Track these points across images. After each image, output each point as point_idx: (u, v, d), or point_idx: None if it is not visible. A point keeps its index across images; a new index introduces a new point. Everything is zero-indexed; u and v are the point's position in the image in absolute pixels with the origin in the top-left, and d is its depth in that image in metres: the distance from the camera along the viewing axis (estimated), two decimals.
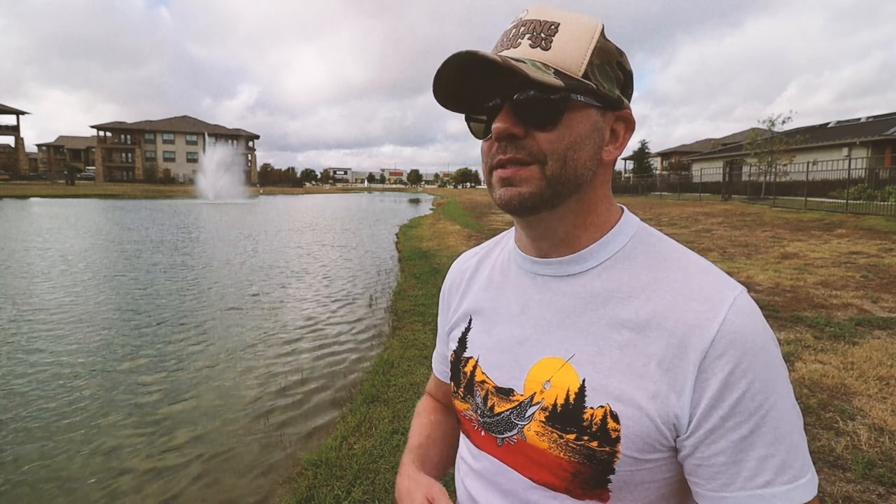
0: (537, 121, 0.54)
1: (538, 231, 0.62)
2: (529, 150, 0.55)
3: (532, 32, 0.55)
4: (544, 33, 0.54)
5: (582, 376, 0.56)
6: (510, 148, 0.55)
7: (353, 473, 2.48)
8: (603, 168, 0.59)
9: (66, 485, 2.71)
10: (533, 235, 0.63)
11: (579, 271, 0.60)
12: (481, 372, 0.66)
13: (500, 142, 0.56)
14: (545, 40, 0.54)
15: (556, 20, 0.55)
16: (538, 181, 0.55)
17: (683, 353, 0.52)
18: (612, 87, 0.56)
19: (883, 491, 2.17)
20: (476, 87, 0.56)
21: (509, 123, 0.54)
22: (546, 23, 0.55)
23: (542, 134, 0.54)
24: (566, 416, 0.56)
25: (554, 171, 0.55)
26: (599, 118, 0.56)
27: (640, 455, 0.53)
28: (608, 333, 0.56)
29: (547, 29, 0.54)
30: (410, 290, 6.66)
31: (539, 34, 0.54)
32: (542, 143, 0.54)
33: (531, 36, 0.55)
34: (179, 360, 4.57)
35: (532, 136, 0.55)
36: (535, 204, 0.56)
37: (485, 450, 0.66)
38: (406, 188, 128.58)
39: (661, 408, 0.52)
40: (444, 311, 0.80)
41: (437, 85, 0.56)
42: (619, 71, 0.57)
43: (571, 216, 0.59)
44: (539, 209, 0.57)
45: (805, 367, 3.51)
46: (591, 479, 0.56)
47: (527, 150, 0.55)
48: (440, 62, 0.53)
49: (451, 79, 0.55)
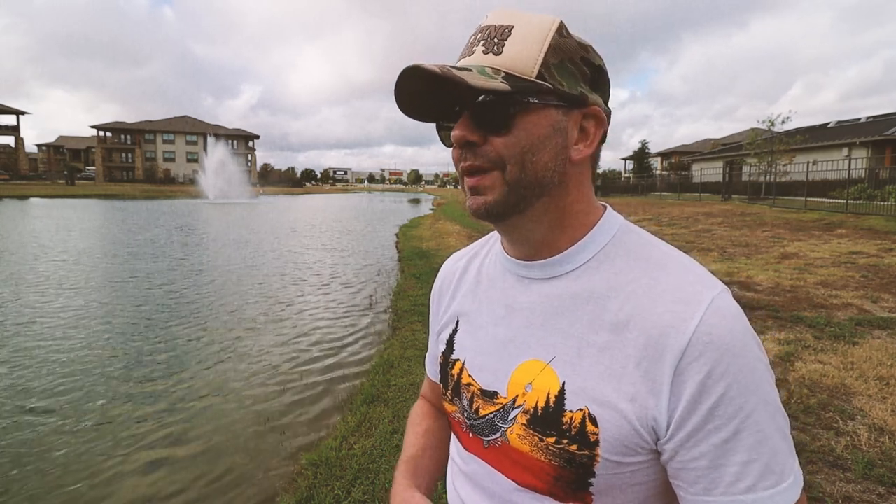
0: (492, 126, 0.54)
1: (515, 235, 0.62)
2: (488, 156, 0.55)
3: (487, 38, 0.55)
4: (497, 38, 0.54)
5: (562, 379, 0.56)
6: (470, 155, 0.56)
7: (353, 473, 2.49)
8: (575, 167, 0.58)
9: (60, 483, 2.72)
10: (511, 239, 0.63)
11: (561, 273, 0.60)
12: (467, 374, 0.66)
13: (462, 149, 0.56)
14: (497, 45, 0.54)
15: (511, 23, 0.54)
16: (501, 187, 0.55)
17: (660, 355, 0.51)
18: (575, 84, 0.55)
19: (883, 491, 2.17)
20: (440, 96, 0.56)
21: (466, 130, 0.55)
22: (500, 27, 0.54)
23: (497, 139, 0.54)
24: (546, 419, 0.56)
25: (513, 176, 0.54)
26: (562, 117, 0.55)
27: (619, 458, 0.53)
28: (588, 335, 0.56)
29: (500, 33, 0.54)
30: (410, 290, 6.67)
31: (492, 39, 0.54)
32: (498, 149, 0.54)
33: (485, 42, 0.55)
34: (180, 359, 4.57)
35: (490, 142, 0.54)
36: (502, 210, 0.56)
37: (473, 452, 0.66)
38: (406, 188, 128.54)
39: (639, 411, 0.51)
40: (435, 312, 0.80)
41: (399, 100, 0.57)
42: (583, 66, 0.56)
43: (546, 218, 0.59)
44: (507, 215, 0.57)
45: (805, 367, 3.51)
46: (573, 482, 0.55)
47: (485, 156, 0.55)
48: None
49: (412, 92, 0.56)
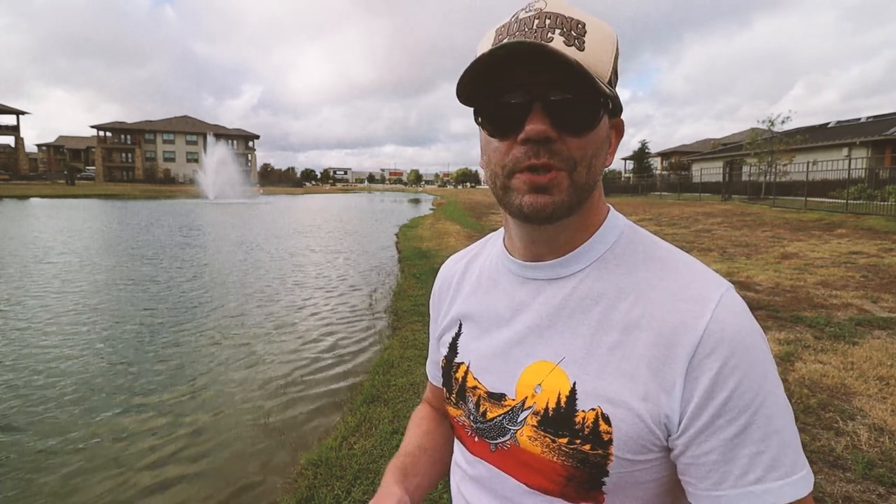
0: (573, 125, 0.52)
1: (544, 236, 0.60)
2: (562, 155, 0.52)
3: (562, 28, 0.51)
4: (574, 31, 0.51)
5: (572, 379, 0.56)
6: (543, 152, 0.52)
7: (353, 473, 2.49)
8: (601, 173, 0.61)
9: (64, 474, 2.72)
10: (535, 240, 0.61)
11: (568, 274, 0.60)
12: (473, 377, 0.66)
13: (532, 144, 0.52)
14: (577, 39, 0.51)
15: (582, 20, 0.52)
16: (568, 188, 0.53)
17: (672, 353, 0.51)
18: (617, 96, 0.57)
19: (883, 491, 2.17)
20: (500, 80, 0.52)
21: (546, 125, 0.51)
22: (573, 20, 0.52)
23: (573, 139, 0.52)
24: (558, 419, 0.56)
25: (580, 179, 0.53)
26: (607, 124, 0.57)
27: (632, 456, 0.53)
28: (597, 335, 0.56)
29: (576, 27, 0.51)
30: (410, 290, 6.66)
31: (570, 31, 0.51)
32: (572, 149, 0.52)
33: (563, 32, 0.51)
34: (179, 359, 4.57)
35: (563, 141, 0.52)
36: (565, 212, 0.54)
37: (479, 456, 0.66)
38: (406, 188, 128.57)
39: (651, 408, 0.52)
40: (435, 316, 0.79)
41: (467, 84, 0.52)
42: (614, 77, 0.58)
43: (578, 220, 0.59)
44: (564, 217, 0.55)
45: (805, 367, 3.51)
46: (586, 482, 0.55)
47: (560, 155, 0.52)
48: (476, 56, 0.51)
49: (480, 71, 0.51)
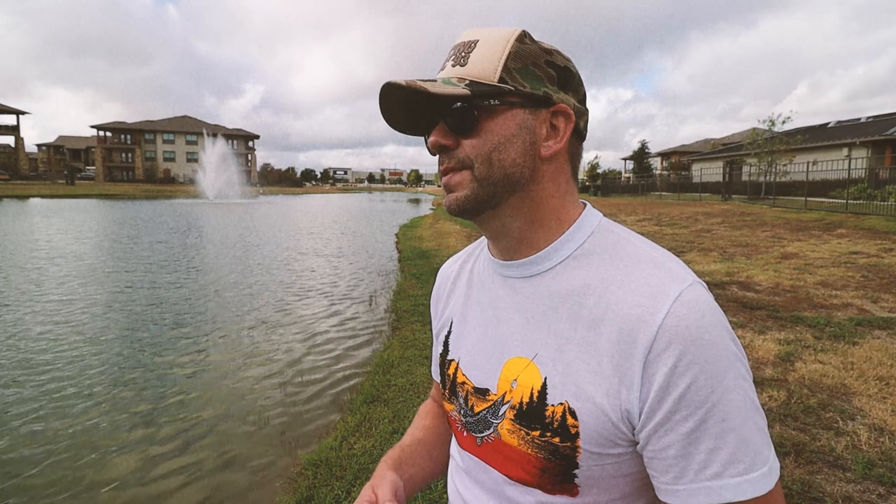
0: (461, 129, 0.59)
1: (492, 231, 0.65)
2: (458, 157, 0.60)
3: (456, 54, 0.61)
4: (464, 52, 0.60)
5: (544, 375, 0.59)
6: (445, 158, 0.61)
7: (353, 473, 2.49)
8: (548, 163, 0.62)
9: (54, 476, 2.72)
10: (490, 236, 0.67)
11: (541, 271, 0.63)
12: (462, 373, 0.70)
13: (438, 154, 0.62)
14: (463, 57, 0.60)
15: (477, 38, 0.60)
16: (470, 183, 0.60)
17: (631, 349, 0.53)
18: (539, 85, 0.59)
19: (883, 491, 2.17)
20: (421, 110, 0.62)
21: (440, 136, 0.61)
22: (468, 42, 0.61)
23: (467, 141, 0.59)
24: (531, 413, 0.59)
25: (482, 173, 0.59)
26: (528, 116, 0.59)
27: (599, 449, 0.56)
28: (567, 332, 0.58)
29: (467, 48, 0.60)
30: (410, 290, 6.66)
31: (460, 54, 0.61)
32: (467, 150, 0.59)
33: (454, 57, 0.61)
34: (178, 359, 4.57)
35: (461, 145, 0.60)
36: (473, 205, 0.61)
37: (467, 449, 0.70)
38: (405, 188, 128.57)
39: (613, 403, 0.54)
40: (434, 315, 0.84)
41: (386, 117, 0.62)
42: (548, 69, 0.60)
43: (521, 213, 0.62)
44: (480, 210, 0.61)
45: (805, 367, 3.51)
46: (559, 473, 0.59)
47: (456, 157, 0.60)
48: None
49: (395, 108, 0.61)
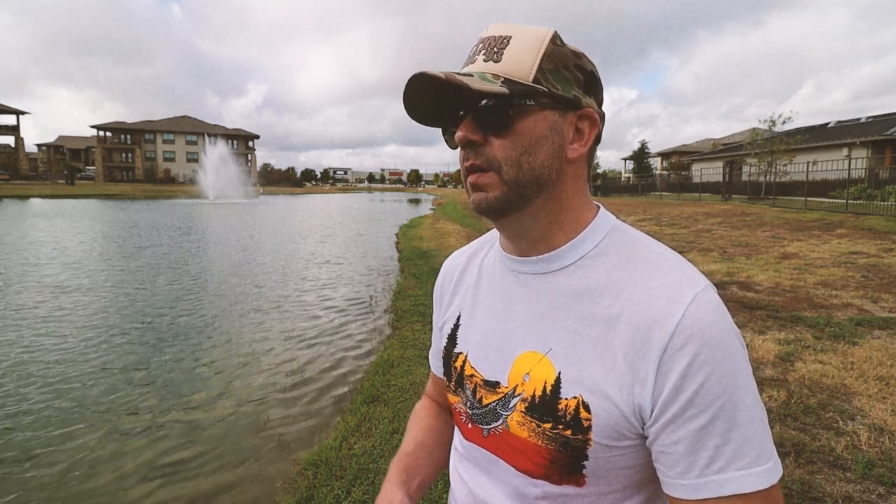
0: (492, 127, 0.58)
1: (513, 231, 0.66)
2: (486, 155, 0.59)
3: (487, 48, 0.60)
4: (497, 47, 0.59)
5: (558, 369, 0.60)
6: (471, 154, 0.60)
7: (353, 473, 2.49)
8: (571, 165, 0.62)
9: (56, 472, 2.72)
10: (509, 236, 0.67)
11: (556, 269, 0.64)
12: (470, 366, 0.70)
13: (464, 149, 0.61)
14: (497, 53, 0.59)
15: (509, 34, 0.59)
16: (500, 186, 0.59)
17: (647, 347, 0.55)
18: (569, 88, 0.59)
19: (883, 491, 2.17)
20: (446, 102, 0.61)
21: (468, 131, 0.59)
22: (500, 37, 0.60)
23: (497, 140, 0.58)
24: (543, 406, 0.60)
25: (510, 176, 0.59)
26: (558, 119, 0.59)
27: (610, 442, 0.57)
28: (582, 328, 0.60)
29: (500, 43, 0.59)
30: (410, 290, 6.67)
31: (492, 48, 0.59)
32: (496, 149, 0.59)
33: (486, 51, 0.60)
34: (177, 358, 4.58)
35: (490, 143, 0.59)
36: (503, 207, 0.60)
37: (472, 441, 0.71)
38: (406, 188, 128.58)
39: (626, 398, 0.56)
40: (437, 307, 0.84)
41: (408, 107, 0.62)
42: (577, 72, 0.61)
43: (544, 215, 0.63)
44: (508, 212, 0.61)
45: (805, 367, 3.51)
46: (567, 465, 0.60)
47: (484, 156, 0.59)
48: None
49: (420, 98, 0.60)
